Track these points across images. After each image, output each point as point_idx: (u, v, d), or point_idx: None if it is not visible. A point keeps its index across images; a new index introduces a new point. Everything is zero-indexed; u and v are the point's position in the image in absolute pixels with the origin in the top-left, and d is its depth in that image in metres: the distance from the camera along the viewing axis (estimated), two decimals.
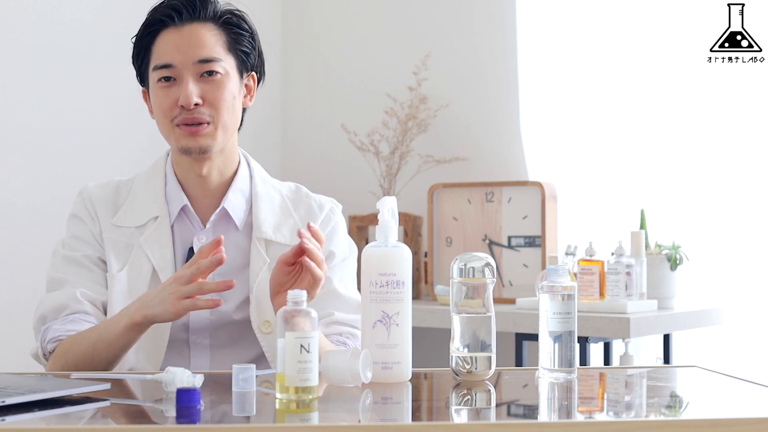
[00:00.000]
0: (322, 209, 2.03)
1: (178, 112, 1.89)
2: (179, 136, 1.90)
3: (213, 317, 1.95)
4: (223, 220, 1.97)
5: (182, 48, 1.89)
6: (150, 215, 1.96)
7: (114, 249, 1.95)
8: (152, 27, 1.92)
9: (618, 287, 2.91)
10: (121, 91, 3.39)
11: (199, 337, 1.96)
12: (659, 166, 3.27)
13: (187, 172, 1.96)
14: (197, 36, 1.90)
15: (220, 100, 1.90)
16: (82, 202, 2.00)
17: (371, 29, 3.80)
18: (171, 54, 1.89)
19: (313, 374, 1.42)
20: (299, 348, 1.42)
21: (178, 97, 1.88)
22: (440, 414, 1.48)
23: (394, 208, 1.64)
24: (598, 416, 1.44)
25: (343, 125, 3.64)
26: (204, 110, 1.89)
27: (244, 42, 1.95)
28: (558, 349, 1.61)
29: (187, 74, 1.89)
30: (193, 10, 1.91)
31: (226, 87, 1.91)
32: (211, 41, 1.91)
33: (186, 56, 1.89)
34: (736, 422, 1.31)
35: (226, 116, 1.91)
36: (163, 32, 1.91)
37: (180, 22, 1.90)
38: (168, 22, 1.91)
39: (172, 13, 1.90)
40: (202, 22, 1.91)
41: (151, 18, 1.93)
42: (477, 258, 1.62)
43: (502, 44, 3.49)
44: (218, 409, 1.43)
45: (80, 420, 1.36)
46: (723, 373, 1.71)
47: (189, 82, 1.88)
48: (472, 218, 3.40)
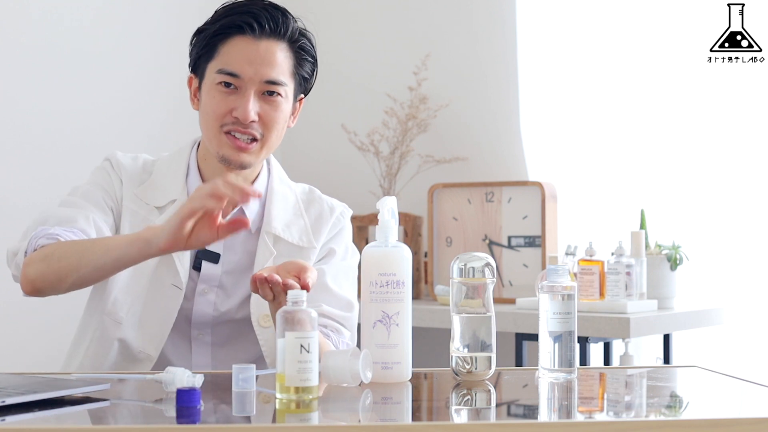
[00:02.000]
0: (333, 212, 2.04)
1: (230, 121, 1.87)
2: (224, 144, 1.89)
3: (215, 313, 1.96)
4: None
5: (255, 63, 1.86)
6: (170, 198, 1.95)
7: (131, 219, 1.94)
8: (228, 29, 1.88)
9: (618, 287, 2.91)
10: (121, 91, 3.40)
11: (201, 333, 1.97)
12: (659, 166, 3.27)
13: (213, 173, 1.96)
14: (272, 54, 1.88)
15: (275, 122, 1.89)
16: (110, 165, 1.99)
17: (371, 29, 3.80)
18: (242, 65, 1.86)
19: (313, 374, 1.42)
20: (299, 348, 1.42)
21: (235, 107, 1.86)
22: (440, 414, 1.48)
23: (394, 208, 1.64)
24: (598, 416, 1.44)
25: (343, 125, 3.64)
26: (257, 127, 1.88)
27: (307, 68, 1.95)
28: (558, 349, 1.61)
29: (250, 88, 1.87)
30: (275, 26, 1.88)
31: (282, 110, 1.90)
32: (282, 64, 1.89)
33: (256, 72, 1.86)
34: (736, 422, 1.31)
35: (274, 137, 1.91)
36: (237, 37, 1.87)
37: (259, 33, 1.87)
38: (247, 29, 1.87)
39: (254, 23, 1.87)
40: (278, 41, 1.89)
41: (229, 20, 1.88)
42: (477, 258, 1.62)
43: (502, 44, 3.49)
44: (218, 409, 1.43)
45: (80, 420, 1.36)
46: (723, 373, 1.71)
47: (251, 98, 1.86)
48: (472, 218, 3.40)
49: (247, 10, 1.88)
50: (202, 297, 1.96)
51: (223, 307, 1.97)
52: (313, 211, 2.03)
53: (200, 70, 1.92)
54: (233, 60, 1.87)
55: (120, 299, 1.92)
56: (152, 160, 2.03)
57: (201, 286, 1.95)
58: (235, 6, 1.90)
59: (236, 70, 1.86)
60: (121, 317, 1.92)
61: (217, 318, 1.97)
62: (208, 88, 1.90)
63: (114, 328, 1.92)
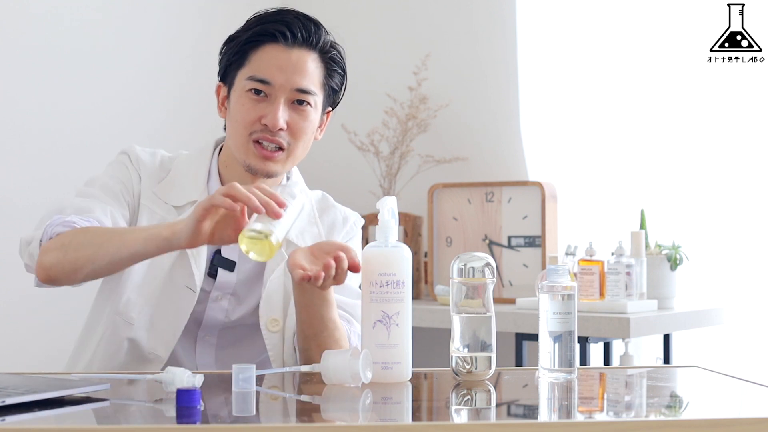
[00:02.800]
0: (346, 222, 2.05)
1: (259, 128, 1.87)
2: (251, 153, 1.88)
3: (226, 319, 1.96)
4: None
5: (286, 70, 1.87)
6: (189, 198, 1.94)
7: (148, 219, 1.93)
8: (261, 37, 1.88)
9: (618, 287, 2.91)
10: (121, 91, 3.40)
11: (207, 335, 1.97)
12: (659, 166, 3.27)
13: (234, 180, 1.93)
14: (303, 63, 1.88)
15: (303, 132, 1.90)
16: (128, 158, 1.97)
17: (371, 29, 3.80)
18: (273, 72, 1.86)
19: (280, 228, 1.56)
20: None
21: (264, 115, 1.86)
22: (440, 414, 1.48)
23: (394, 208, 1.64)
24: (598, 416, 1.44)
25: (343, 125, 3.64)
26: (285, 135, 1.88)
27: (337, 80, 1.97)
28: (558, 349, 1.61)
29: (281, 96, 1.87)
30: (308, 36, 1.89)
31: (311, 120, 1.91)
32: (313, 73, 1.90)
33: (287, 80, 1.87)
34: (736, 422, 1.31)
35: (301, 147, 1.92)
36: (269, 45, 1.88)
37: (292, 42, 1.87)
38: (279, 38, 1.87)
39: (286, 31, 1.87)
40: (309, 50, 1.90)
41: (261, 28, 1.88)
42: (477, 258, 1.62)
43: (502, 44, 3.49)
44: (218, 409, 1.43)
45: (80, 420, 1.36)
46: (723, 373, 1.71)
47: (281, 106, 1.87)
48: (472, 218, 3.40)
49: (280, 19, 1.89)
50: (215, 303, 1.95)
51: (235, 315, 1.97)
52: (327, 220, 2.04)
53: (230, 77, 1.92)
54: (264, 67, 1.87)
55: (133, 299, 1.91)
56: (169, 157, 2.02)
57: (215, 293, 1.95)
58: (267, 15, 1.90)
59: (267, 77, 1.87)
60: (132, 317, 1.91)
61: (227, 323, 1.97)
62: (238, 96, 1.90)
63: (125, 328, 1.91)
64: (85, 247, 1.76)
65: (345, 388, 1.54)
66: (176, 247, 1.69)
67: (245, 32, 1.90)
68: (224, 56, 1.94)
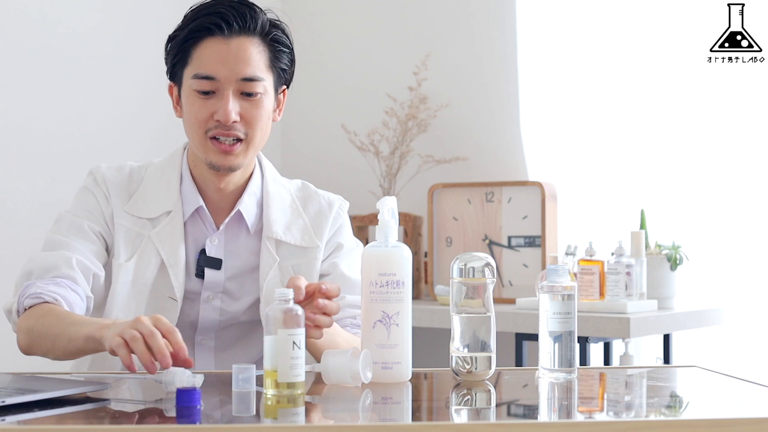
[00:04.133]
0: (332, 207, 2.04)
1: (213, 125, 1.86)
2: (210, 149, 1.88)
3: (222, 318, 1.96)
4: (236, 223, 1.97)
5: (228, 62, 1.84)
6: (163, 209, 1.94)
7: (125, 237, 1.93)
8: (197, 33, 1.86)
9: (618, 287, 2.91)
10: (123, 94, 3.40)
11: (204, 338, 1.97)
12: (659, 166, 3.27)
13: (205, 177, 1.95)
14: (244, 52, 1.85)
15: (257, 119, 1.87)
16: (95, 182, 1.97)
17: (371, 29, 3.80)
18: (215, 67, 1.84)
19: (301, 370, 1.45)
20: (292, 345, 1.45)
21: (216, 111, 1.85)
22: (440, 414, 1.48)
23: (394, 208, 1.64)
24: (598, 416, 1.44)
25: (343, 125, 3.64)
26: (239, 127, 1.86)
27: (285, 59, 1.93)
28: (558, 349, 1.61)
29: (228, 89, 1.85)
30: (243, 23, 1.85)
31: (264, 106, 1.89)
32: (256, 58, 1.86)
33: (231, 72, 1.84)
34: (736, 422, 1.31)
35: (258, 135, 1.89)
36: (208, 40, 1.85)
37: (228, 32, 1.85)
38: (215, 31, 1.85)
39: (221, 23, 1.84)
40: (249, 36, 1.86)
41: (197, 23, 1.86)
42: (477, 258, 1.62)
43: (501, 44, 3.49)
44: (218, 409, 1.43)
45: (80, 420, 1.36)
46: (723, 373, 1.71)
47: (230, 99, 1.85)
48: (472, 218, 3.40)
49: (213, 11, 1.86)
50: (207, 304, 1.95)
51: (229, 312, 1.96)
52: (312, 209, 2.03)
53: (177, 77, 1.92)
54: (206, 63, 1.85)
55: (121, 317, 1.89)
56: (139, 167, 2.01)
57: (205, 294, 1.95)
58: (201, 8, 1.88)
59: (211, 73, 1.85)
60: None
61: (223, 323, 1.97)
62: (187, 95, 1.89)
63: None
64: (44, 338, 1.76)
65: (345, 388, 1.54)
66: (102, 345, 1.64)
67: (183, 30, 1.88)
68: (168, 56, 1.92)
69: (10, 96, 3.12)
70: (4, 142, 3.10)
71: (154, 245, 1.92)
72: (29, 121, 3.16)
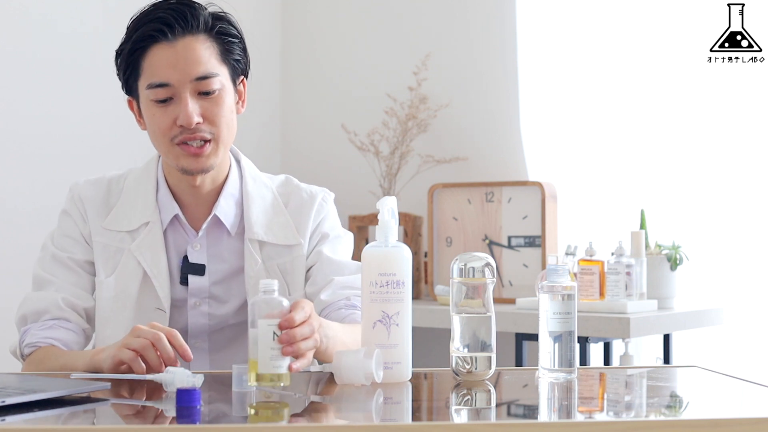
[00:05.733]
0: (314, 200, 2.00)
1: (177, 132, 1.83)
2: (179, 155, 1.85)
3: (211, 322, 1.95)
4: (216, 227, 1.95)
5: (178, 65, 1.81)
6: (141, 221, 1.93)
7: (103, 254, 1.93)
8: (141, 42, 1.83)
9: (618, 287, 2.91)
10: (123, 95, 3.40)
11: (197, 341, 1.96)
12: (659, 166, 3.27)
13: (179, 181, 1.93)
14: (192, 51, 1.82)
15: (220, 116, 1.84)
16: (73, 201, 1.96)
17: (371, 29, 3.80)
18: (166, 72, 1.81)
19: (284, 361, 1.44)
20: (272, 335, 1.43)
21: (177, 116, 1.82)
22: (440, 414, 1.48)
23: (394, 208, 1.64)
24: (598, 416, 1.44)
25: (343, 125, 3.64)
26: (204, 128, 1.83)
27: (236, 49, 1.89)
28: (558, 349, 1.61)
29: (184, 92, 1.82)
30: (185, 23, 1.82)
31: (225, 102, 1.85)
32: (206, 55, 1.83)
33: (183, 74, 1.81)
34: (736, 422, 1.30)
35: (225, 132, 1.86)
36: (154, 47, 1.82)
37: (172, 36, 1.81)
38: (159, 37, 1.81)
39: (163, 27, 1.81)
40: (194, 35, 1.83)
41: (138, 32, 1.83)
42: (477, 258, 1.62)
43: (501, 44, 3.49)
44: (218, 409, 1.43)
45: (80, 420, 1.36)
46: (723, 373, 1.71)
47: (188, 102, 1.81)
48: (472, 218, 3.40)
49: (153, 17, 1.83)
50: (194, 310, 1.94)
51: (217, 317, 1.95)
52: (293, 204, 1.99)
53: (133, 90, 1.89)
54: (157, 71, 1.82)
55: (110, 335, 1.89)
56: (119, 177, 1.99)
57: (192, 300, 1.94)
58: (141, 17, 1.85)
59: (163, 80, 1.82)
60: None
61: (213, 326, 1.96)
62: (146, 107, 1.86)
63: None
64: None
65: (344, 387, 1.54)
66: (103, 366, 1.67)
67: (128, 42, 1.85)
68: (119, 71, 1.89)
69: (10, 97, 3.12)
70: (4, 143, 3.10)
71: (135, 258, 1.91)
72: (29, 123, 3.16)
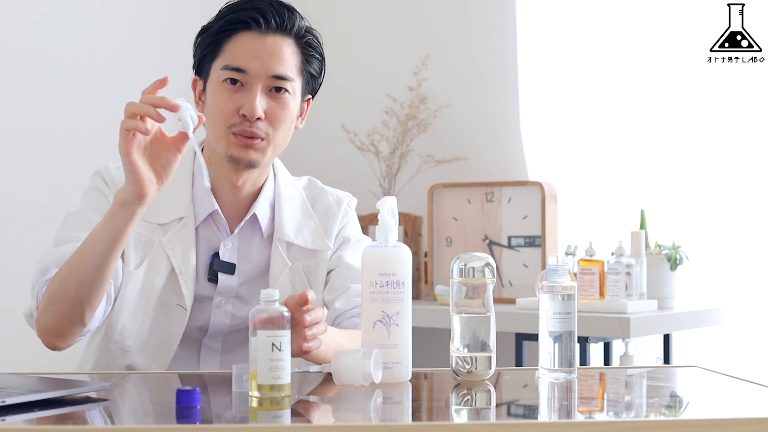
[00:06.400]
0: (340, 205, 2.03)
1: (237, 121, 1.83)
2: (232, 143, 1.84)
3: (233, 323, 1.94)
4: (250, 226, 1.94)
5: (262, 57, 1.83)
6: (175, 215, 1.90)
7: (135, 242, 1.89)
8: (234, 25, 1.84)
9: (618, 287, 2.91)
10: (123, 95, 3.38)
11: (212, 341, 1.95)
12: (659, 166, 3.27)
13: (221, 178, 1.91)
14: (279, 49, 1.84)
15: (281, 120, 1.85)
16: (104, 182, 1.92)
17: (371, 29, 3.80)
18: (248, 59, 1.82)
19: (284, 372, 1.42)
20: (271, 346, 1.42)
21: (242, 105, 1.82)
22: (440, 414, 1.48)
23: (394, 208, 1.64)
24: (598, 416, 1.44)
25: (343, 125, 3.64)
26: (262, 126, 1.84)
27: (315, 65, 1.91)
28: (558, 349, 1.61)
29: (257, 84, 1.83)
30: (281, 21, 1.85)
31: (290, 107, 1.86)
32: (289, 58, 1.85)
33: (263, 67, 1.83)
34: (736, 422, 1.30)
35: (280, 136, 1.87)
36: (243, 33, 1.84)
37: (265, 28, 1.83)
38: (253, 25, 1.83)
39: (259, 18, 1.83)
40: (284, 36, 1.85)
41: (233, 15, 1.85)
42: (477, 258, 1.62)
43: (501, 44, 3.49)
44: (218, 409, 1.43)
45: (80, 420, 1.36)
46: (723, 373, 1.71)
47: (257, 94, 1.82)
48: (472, 218, 3.40)
49: (252, 6, 1.85)
50: (218, 309, 1.93)
51: (240, 317, 1.94)
52: (320, 208, 2.01)
53: (205, 70, 1.89)
54: (239, 55, 1.83)
55: (128, 326, 1.88)
56: None
57: (218, 299, 1.92)
58: (239, 3, 1.87)
59: (242, 65, 1.83)
60: (129, 345, 1.88)
61: (233, 327, 1.95)
62: (214, 87, 1.86)
63: (122, 355, 1.89)
64: (67, 278, 1.71)
65: (343, 388, 1.54)
66: (135, 204, 1.65)
67: (218, 22, 1.86)
68: (198, 48, 1.90)
69: (10, 97, 3.12)
70: (4, 143, 3.10)
71: (164, 252, 1.88)
72: (29, 123, 3.16)
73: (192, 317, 1.91)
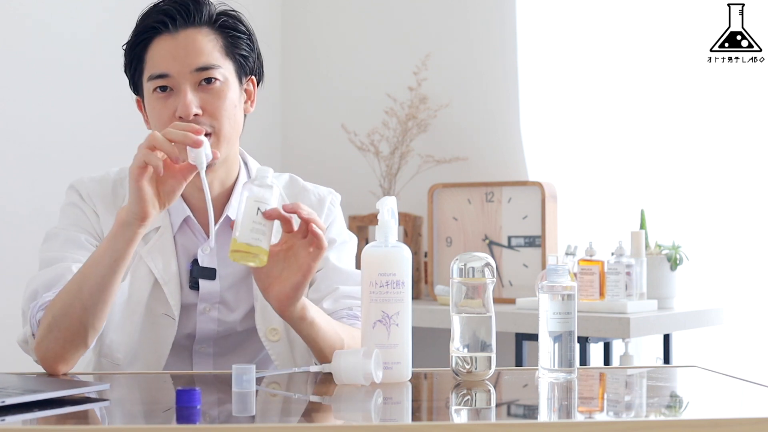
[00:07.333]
0: (323, 203, 1.98)
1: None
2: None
3: (220, 329, 1.92)
4: (227, 229, 1.91)
5: (178, 56, 1.80)
6: (152, 225, 1.85)
7: None
8: (144, 35, 1.83)
9: (618, 287, 2.91)
10: (123, 97, 3.39)
11: (203, 346, 1.94)
12: (659, 166, 3.27)
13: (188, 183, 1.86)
14: (193, 42, 1.81)
15: (221, 109, 1.81)
16: (80, 196, 1.91)
17: (371, 29, 3.80)
18: (166, 63, 1.80)
19: (264, 238, 1.49)
20: (256, 210, 1.49)
21: (177, 108, 1.79)
22: (440, 414, 1.48)
23: (394, 208, 1.64)
24: (598, 416, 1.44)
25: (343, 125, 3.64)
26: (204, 120, 1.80)
27: (242, 45, 1.87)
28: (558, 349, 1.61)
29: (184, 84, 1.80)
30: (188, 15, 1.82)
31: (227, 95, 1.82)
32: (208, 47, 1.82)
33: (183, 64, 1.80)
34: (736, 422, 1.30)
35: (227, 126, 1.82)
36: (156, 39, 1.82)
37: (174, 28, 1.81)
38: (161, 28, 1.81)
39: (165, 19, 1.81)
40: (197, 27, 1.82)
41: (142, 25, 1.84)
42: (477, 258, 1.62)
43: (501, 44, 3.49)
44: (218, 409, 1.43)
45: (80, 420, 1.36)
46: (723, 373, 1.71)
47: (187, 92, 1.79)
48: (472, 218, 3.40)
49: (156, 10, 1.83)
50: (204, 315, 1.91)
51: (227, 323, 1.92)
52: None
53: (139, 87, 1.87)
54: (158, 61, 1.81)
55: (116, 340, 1.86)
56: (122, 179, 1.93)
57: (201, 305, 1.90)
58: (146, 12, 1.85)
59: (164, 70, 1.80)
60: (119, 358, 1.86)
61: (221, 333, 1.93)
62: (148, 100, 1.84)
63: (112, 369, 1.87)
64: (67, 302, 1.70)
65: (343, 388, 1.54)
66: (137, 225, 1.65)
67: (133, 37, 1.86)
68: (126, 68, 1.88)
69: (10, 98, 3.12)
70: (4, 144, 3.10)
71: (145, 263, 1.87)
72: (29, 124, 3.16)
73: (179, 325, 1.89)
